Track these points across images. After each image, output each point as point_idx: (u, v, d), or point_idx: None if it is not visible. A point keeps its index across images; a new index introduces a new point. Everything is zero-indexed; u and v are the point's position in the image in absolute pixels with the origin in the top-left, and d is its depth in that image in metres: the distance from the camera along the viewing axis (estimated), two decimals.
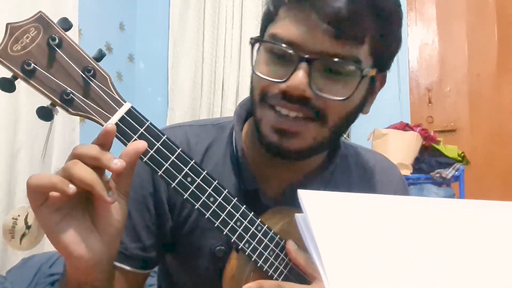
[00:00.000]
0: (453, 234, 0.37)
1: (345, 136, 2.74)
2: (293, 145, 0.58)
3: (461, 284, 0.32)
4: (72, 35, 1.97)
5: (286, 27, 0.56)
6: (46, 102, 0.49)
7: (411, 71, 2.73)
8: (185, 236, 0.67)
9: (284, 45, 0.55)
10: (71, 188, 0.45)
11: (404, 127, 2.40)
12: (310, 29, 0.54)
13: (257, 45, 0.61)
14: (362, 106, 0.63)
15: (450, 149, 2.38)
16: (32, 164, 1.78)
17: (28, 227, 1.34)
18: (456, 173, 2.29)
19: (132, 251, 0.65)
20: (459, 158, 2.37)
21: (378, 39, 0.57)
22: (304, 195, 0.38)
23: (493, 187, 2.54)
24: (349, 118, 0.61)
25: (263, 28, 0.62)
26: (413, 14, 2.77)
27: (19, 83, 0.48)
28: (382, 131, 2.38)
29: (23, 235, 1.34)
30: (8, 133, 1.71)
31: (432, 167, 2.33)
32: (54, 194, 0.46)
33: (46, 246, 1.81)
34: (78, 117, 1.98)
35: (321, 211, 0.37)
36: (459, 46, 2.69)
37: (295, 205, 0.62)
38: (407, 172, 2.30)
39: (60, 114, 0.50)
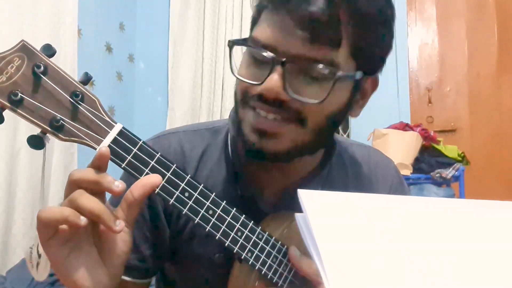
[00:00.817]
0: (453, 234, 0.37)
1: (345, 136, 2.75)
2: (272, 147, 0.58)
3: (461, 284, 0.32)
4: (72, 35, 1.95)
5: (264, 31, 0.56)
6: None
7: (411, 71, 2.73)
8: (184, 245, 0.67)
9: (260, 48, 0.56)
10: (83, 220, 0.45)
11: (404, 127, 2.40)
12: (285, 32, 0.54)
13: (236, 48, 0.60)
14: (347, 109, 0.62)
15: (450, 149, 2.38)
16: (32, 164, 1.78)
17: (39, 255, 1.36)
18: (456, 173, 2.28)
19: (131, 262, 0.65)
20: (459, 158, 2.37)
21: (359, 42, 0.56)
22: (304, 195, 0.38)
23: (493, 187, 2.54)
24: (332, 121, 0.60)
25: (250, 31, 0.62)
26: (413, 14, 2.77)
27: (7, 113, 0.48)
28: (382, 131, 2.38)
29: (38, 264, 1.37)
30: (8, 133, 1.71)
31: (432, 167, 2.33)
32: (63, 226, 0.46)
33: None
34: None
35: (321, 211, 0.37)
36: (459, 46, 2.69)
37: (293, 209, 0.60)
38: (407, 172, 2.30)
39: None
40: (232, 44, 0.59)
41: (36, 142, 0.48)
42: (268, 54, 0.55)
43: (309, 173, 0.68)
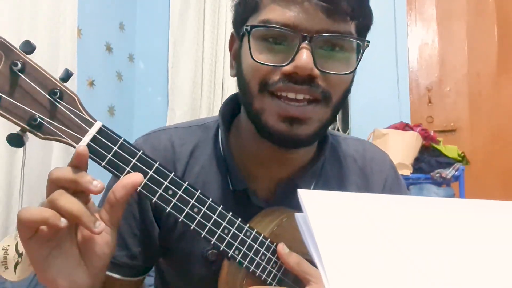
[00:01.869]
0: (453, 234, 0.37)
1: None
2: (304, 131, 0.57)
3: (461, 284, 0.32)
4: (72, 35, 1.95)
5: (279, 12, 0.54)
6: None
7: (411, 71, 2.73)
8: (176, 242, 0.66)
9: (283, 28, 0.54)
10: (63, 222, 0.44)
11: (404, 127, 2.40)
12: (305, 10, 0.53)
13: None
14: (351, 85, 0.62)
15: (450, 149, 2.38)
16: (32, 164, 1.78)
17: (20, 255, 1.35)
18: (456, 173, 2.29)
19: (120, 259, 0.64)
20: (459, 158, 2.37)
21: (361, 16, 0.58)
22: (304, 195, 0.38)
23: (493, 187, 2.54)
24: (346, 96, 0.61)
25: (243, 21, 0.60)
26: (413, 14, 2.77)
27: None
28: (382, 131, 2.39)
29: (16, 264, 1.35)
30: (8, 133, 1.71)
31: (432, 167, 2.33)
32: (43, 227, 0.46)
33: None
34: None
35: (321, 211, 0.37)
36: (459, 46, 2.69)
37: (287, 203, 0.62)
38: (407, 172, 2.30)
39: None
40: (251, 28, 0.56)
41: (16, 140, 0.48)
42: (294, 32, 0.53)
43: (304, 166, 0.67)
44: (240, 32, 0.61)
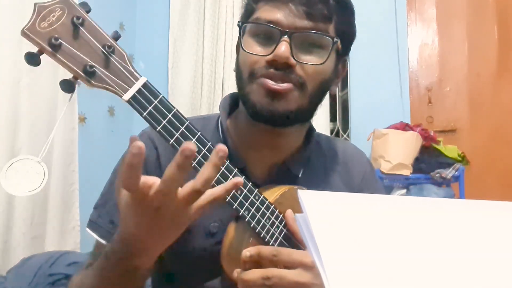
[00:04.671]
0: (453, 235, 0.37)
1: (345, 136, 2.75)
2: (282, 107, 0.66)
3: (462, 284, 0.32)
4: None
5: (269, 11, 0.67)
6: (47, 104, 0.50)
7: (411, 71, 2.73)
8: None
9: (268, 25, 0.66)
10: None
11: (404, 127, 2.40)
12: (287, 10, 0.66)
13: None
14: (331, 81, 0.73)
15: (450, 149, 2.38)
16: None
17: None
18: (456, 173, 2.29)
19: None
20: (459, 158, 2.37)
21: (340, 21, 0.69)
22: (304, 195, 0.38)
23: (493, 187, 2.54)
24: (323, 89, 0.71)
25: (243, 21, 0.72)
26: (413, 14, 2.77)
27: (44, 58, 0.52)
28: (382, 131, 2.38)
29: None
30: (8, 133, 1.71)
31: (432, 167, 2.33)
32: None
33: (46, 246, 1.82)
34: (77, 117, 1.98)
35: (321, 211, 0.37)
36: (459, 46, 2.69)
37: (278, 185, 0.71)
38: (407, 172, 2.30)
39: (60, 115, 0.51)
40: (242, 24, 0.70)
41: (68, 86, 0.53)
42: (276, 27, 0.66)
43: (293, 154, 0.77)
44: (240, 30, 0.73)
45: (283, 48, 0.64)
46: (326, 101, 2.59)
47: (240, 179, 0.55)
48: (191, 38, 2.70)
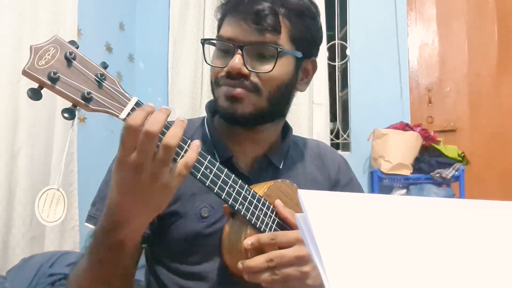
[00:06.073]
0: (453, 234, 0.37)
1: (345, 136, 2.75)
2: (239, 109, 0.76)
3: (462, 284, 0.32)
4: (72, 35, 1.94)
5: (226, 29, 0.78)
6: (47, 104, 0.51)
7: (411, 71, 2.73)
8: (172, 206, 0.77)
9: (224, 41, 0.77)
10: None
11: (404, 127, 2.40)
12: (240, 27, 0.76)
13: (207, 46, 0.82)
14: (294, 83, 0.82)
15: (450, 149, 2.38)
16: (32, 164, 1.78)
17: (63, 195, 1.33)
18: (456, 173, 2.29)
19: None
20: (459, 158, 2.37)
21: (293, 30, 0.78)
22: (304, 195, 0.38)
23: (493, 187, 2.54)
24: (283, 91, 0.79)
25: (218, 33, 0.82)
26: (413, 14, 2.77)
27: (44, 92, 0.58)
28: (382, 131, 2.39)
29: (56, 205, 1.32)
30: (8, 133, 1.71)
31: (432, 167, 2.33)
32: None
33: (46, 246, 1.81)
34: (77, 117, 1.97)
35: (321, 211, 0.37)
36: (459, 46, 2.69)
37: (263, 175, 0.83)
38: (407, 172, 2.31)
39: (59, 115, 0.52)
40: (203, 41, 0.81)
41: (69, 113, 0.59)
42: (229, 43, 0.76)
43: (273, 147, 0.86)
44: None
45: (236, 60, 0.74)
46: (326, 101, 2.59)
47: (197, 141, 0.62)
48: (191, 38, 2.70)
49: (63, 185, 1.94)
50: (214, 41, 0.80)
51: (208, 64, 0.81)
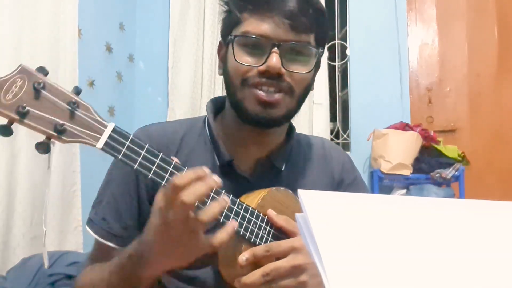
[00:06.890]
0: (453, 234, 0.37)
1: (345, 136, 2.75)
2: (275, 113, 0.74)
3: (462, 284, 0.32)
4: (72, 35, 1.94)
5: (254, 25, 0.73)
6: None
7: (411, 71, 2.73)
8: None
9: (258, 38, 0.72)
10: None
11: (404, 127, 2.40)
12: (275, 25, 0.71)
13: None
14: (313, 84, 0.81)
15: (450, 149, 2.38)
16: (33, 164, 1.78)
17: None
18: (456, 173, 2.29)
19: (116, 230, 0.76)
20: (459, 158, 2.37)
21: (320, 31, 0.77)
22: (304, 195, 0.38)
23: (493, 187, 2.54)
24: (308, 91, 0.79)
25: (228, 31, 0.78)
26: (413, 14, 2.77)
27: (17, 127, 0.54)
28: (382, 131, 2.38)
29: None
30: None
31: (432, 167, 2.33)
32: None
33: (47, 246, 1.81)
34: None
35: (321, 211, 0.37)
36: (459, 46, 2.69)
37: (264, 178, 0.81)
38: (407, 172, 2.30)
39: None
40: (234, 37, 0.75)
41: (43, 147, 0.56)
42: (267, 40, 0.72)
43: (276, 149, 0.83)
44: (226, 40, 0.78)
45: (275, 59, 0.70)
46: (326, 101, 2.59)
47: (235, 223, 0.63)
48: (191, 38, 2.70)
49: (64, 186, 1.94)
50: (246, 37, 0.73)
51: (238, 62, 0.73)
